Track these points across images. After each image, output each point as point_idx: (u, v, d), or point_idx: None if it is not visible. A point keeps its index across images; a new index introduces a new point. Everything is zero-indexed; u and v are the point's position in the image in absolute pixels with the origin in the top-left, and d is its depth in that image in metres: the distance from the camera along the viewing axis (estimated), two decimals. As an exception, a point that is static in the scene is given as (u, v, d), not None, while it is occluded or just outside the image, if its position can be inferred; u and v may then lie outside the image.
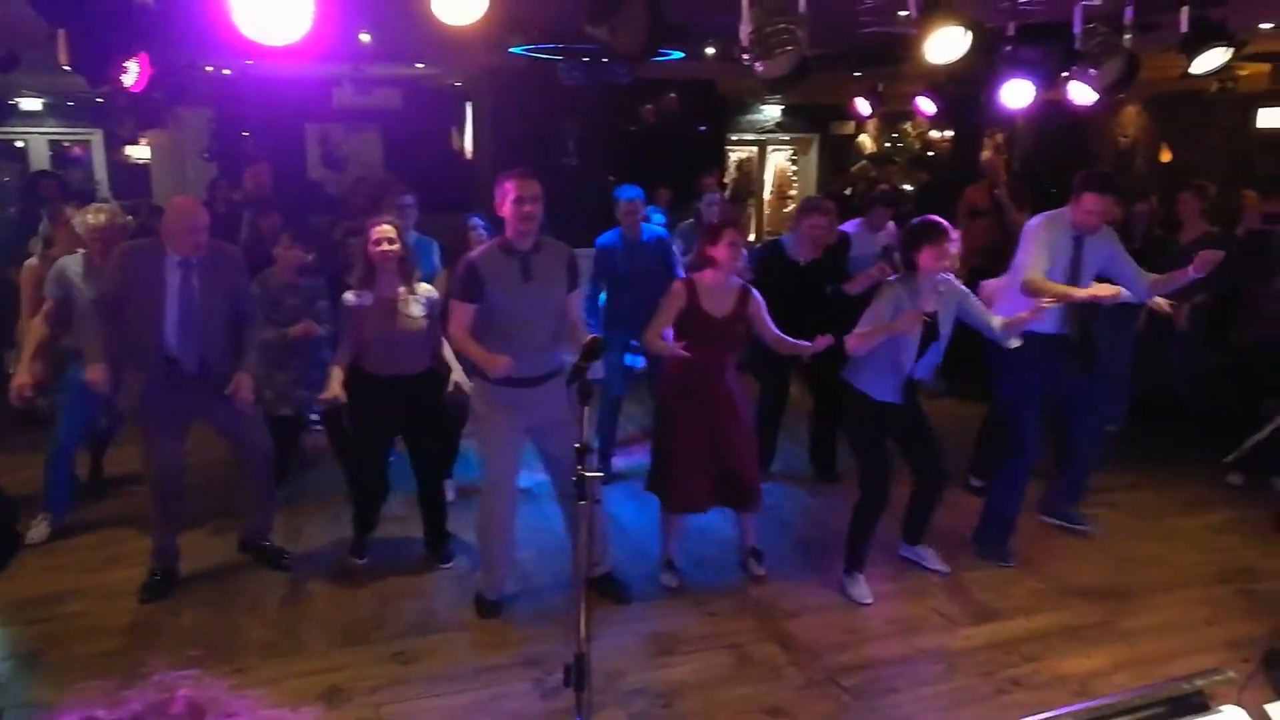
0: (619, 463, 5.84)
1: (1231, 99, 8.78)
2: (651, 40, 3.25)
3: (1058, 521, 5.01)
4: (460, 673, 3.67)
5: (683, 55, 7.05)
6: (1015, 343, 4.25)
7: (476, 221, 5.22)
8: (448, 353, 4.42)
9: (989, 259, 6.34)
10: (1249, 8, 4.43)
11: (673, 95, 10.21)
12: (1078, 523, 4.96)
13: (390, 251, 4.22)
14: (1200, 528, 5.12)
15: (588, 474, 2.58)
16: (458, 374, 4.41)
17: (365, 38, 5.84)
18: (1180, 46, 4.26)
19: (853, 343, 4.09)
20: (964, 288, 4.33)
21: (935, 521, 4.58)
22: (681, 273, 5.31)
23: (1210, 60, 4.27)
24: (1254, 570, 4.53)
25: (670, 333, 4.23)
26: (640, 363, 5.82)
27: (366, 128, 11.58)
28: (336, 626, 4.02)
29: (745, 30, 3.37)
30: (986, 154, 6.20)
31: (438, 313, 4.34)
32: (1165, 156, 10.19)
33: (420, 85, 11.19)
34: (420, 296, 4.31)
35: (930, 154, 13.58)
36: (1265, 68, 8.28)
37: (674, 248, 5.82)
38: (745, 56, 3.46)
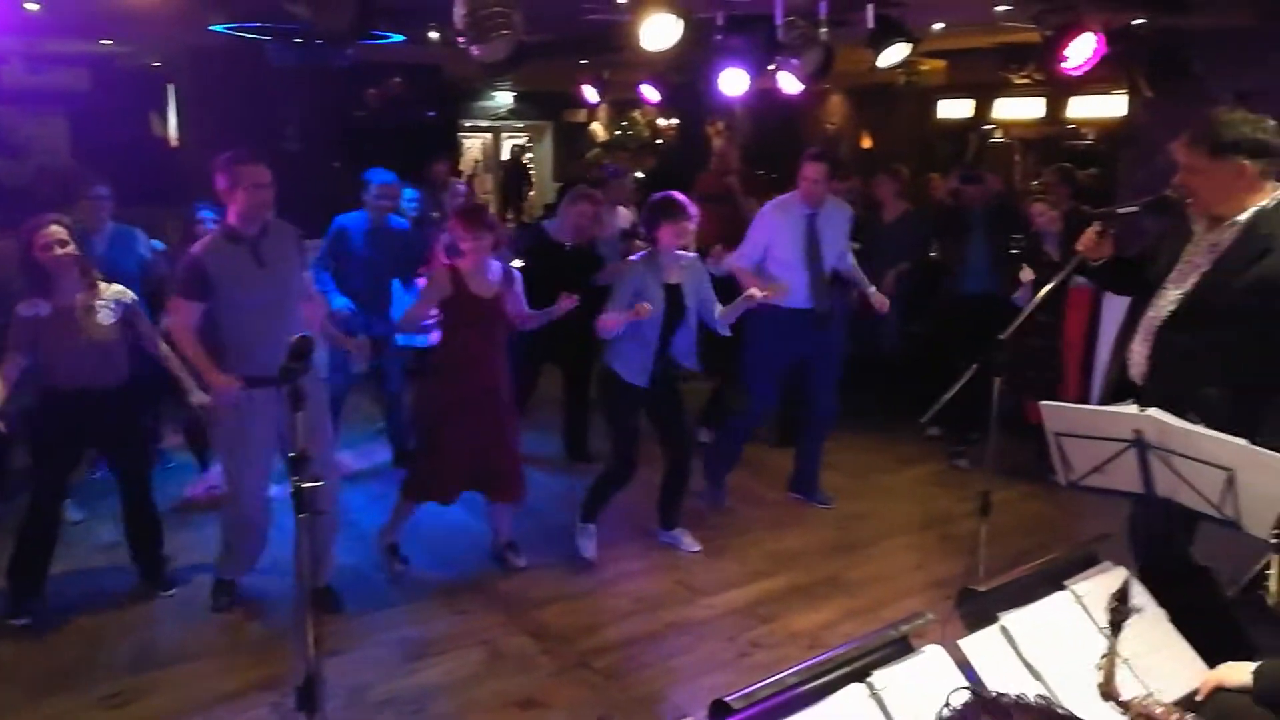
0: (357, 462, 5.61)
1: (916, 91, 9.72)
2: (359, 20, 3.09)
3: (803, 498, 5.31)
4: (187, 707, 3.36)
5: (404, 38, 6.82)
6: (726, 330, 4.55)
7: (205, 214, 4.84)
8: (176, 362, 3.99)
9: (723, 246, 6.61)
10: (923, 9, 4.90)
11: (397, 80, 9.86)
12: (823, 501, 5.28)
13: (65, 255, 3.74)
14: (907, 481, 5.66)
15: (305, 485, 2.43)
16: (197, 397, 3.99)
17: (33, 7, 5.16)
18: (868, 41, 4.64)
19: (601, 323, 4.18)
20: (705, 271, 4.54)
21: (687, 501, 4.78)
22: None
23: (893, 55, 4.70)
24: (951, 515, 5.04)
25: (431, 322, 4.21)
26: (423, 340, 5.60)
27: (48, 111, 10.30)
28: (36, 676, 3.55)
29: (460, 13, 3.28)
30: (719, 141, 6.48)
31: (134, 316, 3.94)
32: (866, 143, 11.12)
33: (112, 65, 10.09)
34: (108, 301, 3.87)
35: (659, 141, 14.05)
36: (942, 64, 9.23)
37: (427, 238, 5.83)
38: (461, 40, 3.38)
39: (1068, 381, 5.75)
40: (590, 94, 9.32)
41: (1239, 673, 2.13)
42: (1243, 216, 2.80)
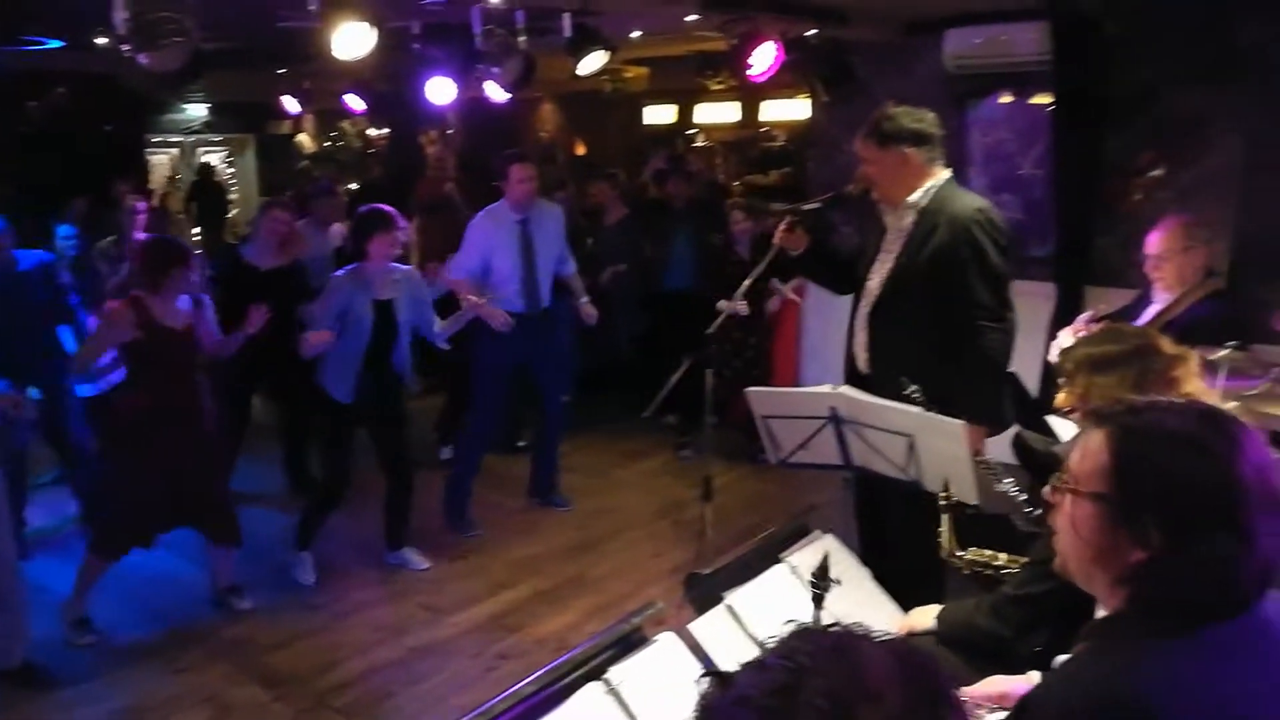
0: (38, 517, 4.97)
1: (623, 98, 10.04)
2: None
3: (542, 502, 5.32)
4: None
5: (64, 44, 6.12)
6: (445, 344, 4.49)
7: None
8: None
9: (446, 256, 6.50)
10: (620, 18, 5.08)
11: (61, 90, 8.84)
12: (562, 504, 5.31)
13: None
14: (641, 474, 5.86)
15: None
16: None
17: None
18: (567, 49, 4.74)
19: (303, 341, 4.00)
20: (421, 284, 4.44)
21: (418, 518, 4.64)
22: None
23: (592, 62, 4.82)
24: (683, 502, 5.27)
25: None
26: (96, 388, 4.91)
27: None
28: None
29: (120, 17, 2.98)
30: (433, 149, 6.35)
31: None
32: (580, 150, 11.35)
33: None
34: None
35: (372, 152, 13.59)
36: (645, 71, 9.61)
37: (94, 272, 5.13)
38: (126, 47, 3.08)
39: (777, 373, 6.17)
40: (291, 104, 8.86)
41: (925, 617, 2.36)
42: (914, 198, 3.14)
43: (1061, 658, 1.44)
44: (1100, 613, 1.38)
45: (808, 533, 2.68)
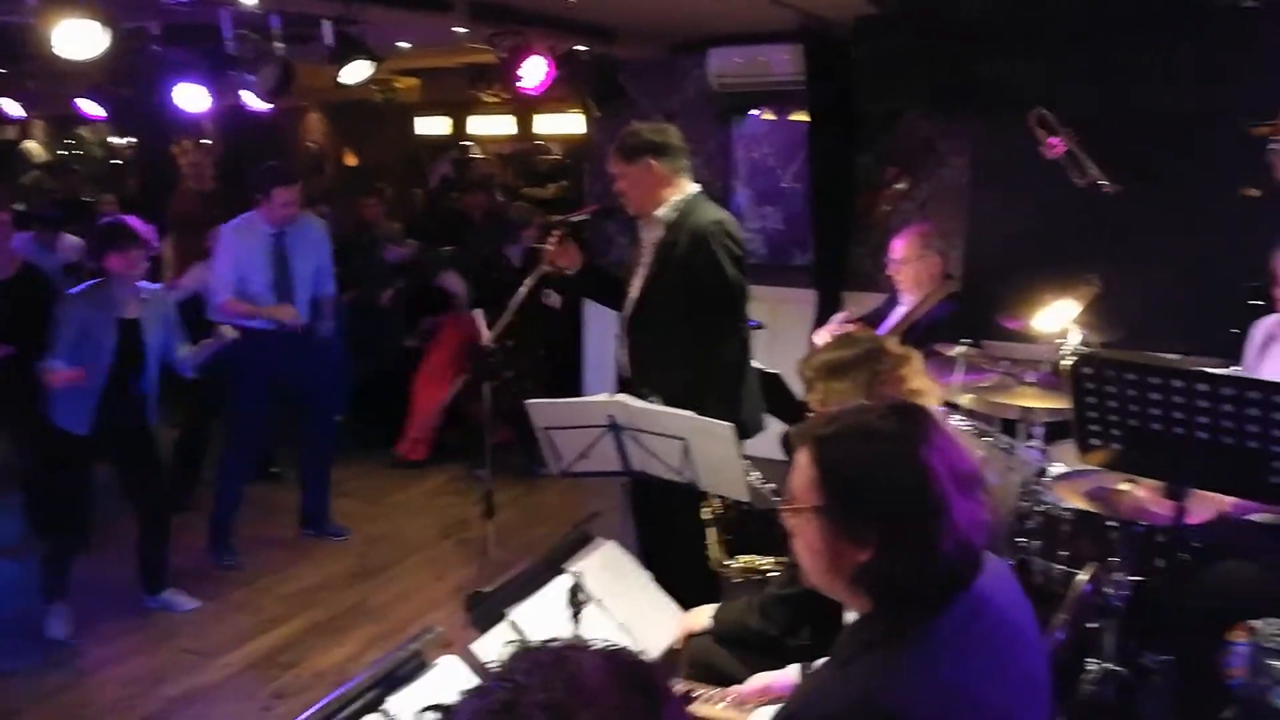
0: None
1: (395, 108, 9.78)
2: None
3: (316, 534, 5.03)
4: None
5: None
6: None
7: None
8: None
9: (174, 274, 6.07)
10: (385, 27, 4.94)
11: None
12: (336, 533, 5.05)
13: None
14: (422, 495, 5.69)
15: None
16: None
17: None
18: (329, 58, 4.55)
19: (48, 374, 3.68)
20: (171, 305, 4.13)
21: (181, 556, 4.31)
22: None
23: (356, 72, 4.65)
24: (467, 521, 5.16)
25: None
26: None
27: None
28: None
29: None
30: (187, 160, 5.88)
31: None
32: (351, 161, 10.95)
33: None
34: None
35: (118, 162, 12.49)
36: (416, 81, 9.41)
37: None
38: None
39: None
40: (12, 107, 8.00)
41: (702, 617, 2.44)
42: (662, 212, 3.25)
43: (819, 662, 1.52)
44: (849, 615, 1.45)
45: (590, 541, 2.70)
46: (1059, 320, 3.23)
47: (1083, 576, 2.28)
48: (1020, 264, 4.29)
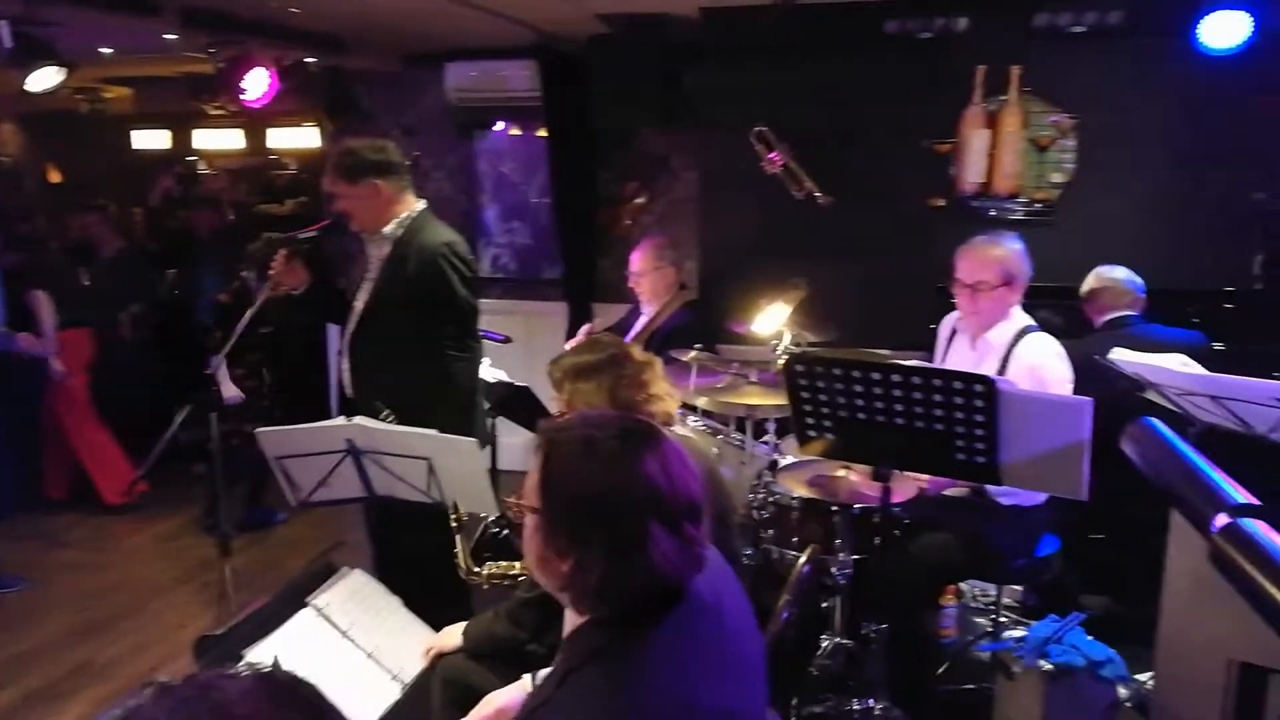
0: None
1: (105, 120, 8.97)
2: None
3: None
4: None
5: None
6: None
7: None
8: None
9: None
10: (83, 30, 4.51)
11: None
12: (11, 585, 4.55)
13: None
14: (156, 537, 5.25)
15: None
16: None
17: None
18: (10, 63, 4.09)
19: None
20: None
21: None
22: None
23: (44, 79, 4.21)
24: (209, 562, 4.81)
25: None
26: None
27: None
28: None
29: None
30: None
31: None
32: (55, 176, 9.92)
33: None
34: None
35: None
36: (128, 91, 8.67)
37: None
38: None
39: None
40: None
41: (453, 635, 2.43)
42: (389, 229, 3.23)
43: (543, 672, 1.54)
44: (569, 619, 1.46)
45: (335, 570, 2.61)
46: (774, 323, 3.48)
47: (802, 559, 2.47)
48: (747, 272, 4.59)
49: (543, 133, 5.91)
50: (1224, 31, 3.98)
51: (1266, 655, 1.81)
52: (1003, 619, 3.45)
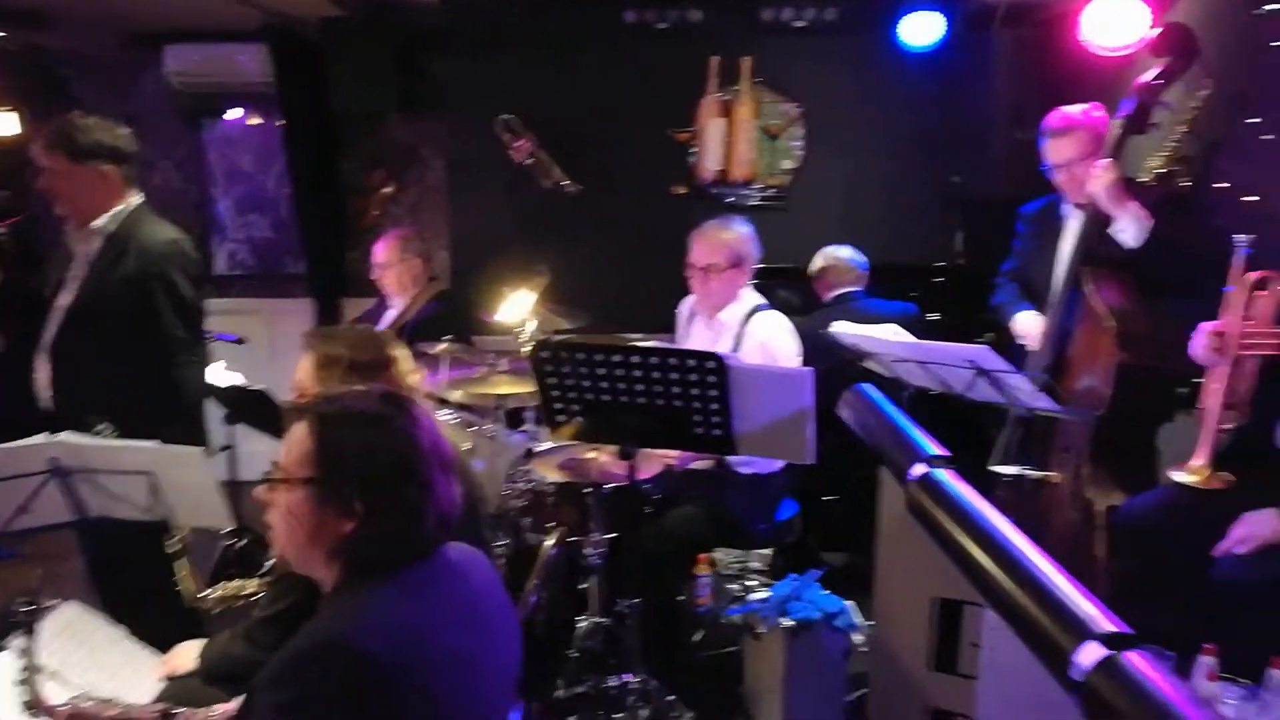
0: None
1: None
2: None
3: None
4: None
5: None
6: None
7: None
8: None
9: None
10: None
11: None
12: None
13: None
14: None
15: None
16: None
17: None
18: None
19: None
20: None
21: None
22: None
23: None
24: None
25: None
26: None
27: None
28: None
29: None
30: None
31: None
32: None
33: None
34: None
35: None
36: None
37: None
38: None
39: None
40: None
41: (186, 657, 2.26)
42: (102, 222, 2.93)
43: None
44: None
45: (42, 607, 2.36)
46: (519, 311, 3.49)
47: (549, 542, 2.49)
48: (499, 261, 4.56)
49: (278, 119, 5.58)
50: (921, 30, 4.38)
51: (959, 590, 2.02)
52: (751, 583, 3.64)
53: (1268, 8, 3.05)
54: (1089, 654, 1.21)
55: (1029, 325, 3.21)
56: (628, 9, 4.61)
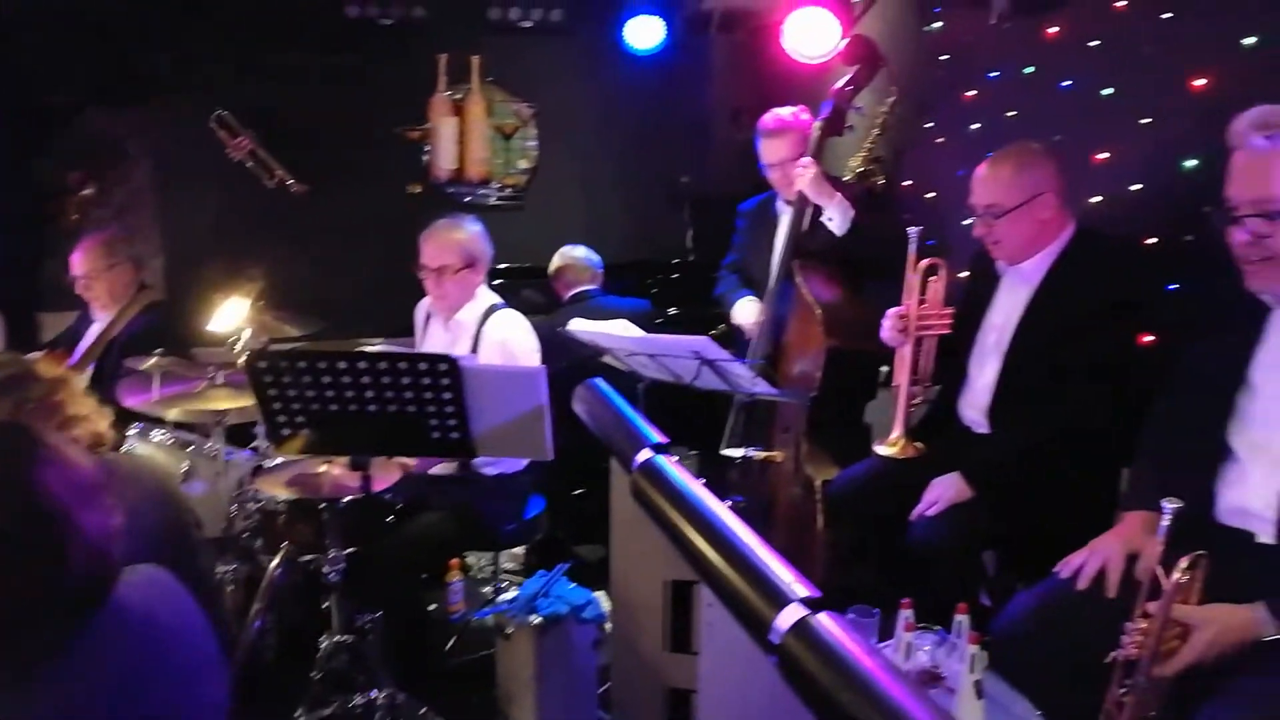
0: None
1: None
2: None
3: None
4: None
5: None
6: None
7: None
8: None
9: None
10: None
11: None
12: None
13: None
14: None
15: None
16: None
17: None
18: None
19: None
20: None
21: None
22: None
23: None
24: None
25: None
26: None
27: None
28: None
29: None
30: None
31: None
32: None
33: None
34: None
35: None
36: None
37: None
38: None
39: None
40: None
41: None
42: None
43: None
44: None
45: None
46: (233, 320, 3.28)
47: (274, 562, 2.36)
48: (217, 268, 4.26)
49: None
50: (643, 34, 4.54)
51: (686, 571, 2.11)
52: (502, 584, 3.64)
53: (933, 25, 3.42)
54: (785, 618, 1.29)
55: (747, 313, 3.41)
56: (350, 3, 4.46)
